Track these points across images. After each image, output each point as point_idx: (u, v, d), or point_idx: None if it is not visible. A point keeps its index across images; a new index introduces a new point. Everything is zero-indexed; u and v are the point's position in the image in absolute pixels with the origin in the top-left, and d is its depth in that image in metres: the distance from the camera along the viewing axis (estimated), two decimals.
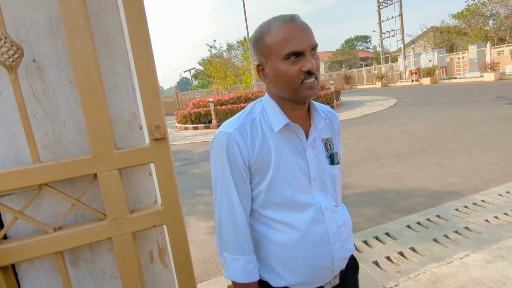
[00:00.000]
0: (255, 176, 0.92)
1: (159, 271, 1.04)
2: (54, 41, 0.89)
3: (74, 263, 0.95)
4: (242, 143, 0.89)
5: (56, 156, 0.91)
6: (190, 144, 9.89)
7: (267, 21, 0.89)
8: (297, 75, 0.84)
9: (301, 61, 0.84)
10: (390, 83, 27.45)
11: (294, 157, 0.92)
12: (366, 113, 11.75)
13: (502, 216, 2.96)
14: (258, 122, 0.92)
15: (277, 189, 0.91)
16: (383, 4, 31.17)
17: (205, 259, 2.98)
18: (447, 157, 5.12)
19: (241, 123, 0.92)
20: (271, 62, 0.88)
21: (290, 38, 0.83)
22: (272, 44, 0.86)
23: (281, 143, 0.92)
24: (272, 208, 0.93)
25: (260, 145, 0.90)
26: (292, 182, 0.91)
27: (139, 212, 0.93)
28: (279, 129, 0.91)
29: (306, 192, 0.93)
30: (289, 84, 0.86)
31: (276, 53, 0.85)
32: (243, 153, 0.90)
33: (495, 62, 18.18)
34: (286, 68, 0.84)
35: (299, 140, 0.94)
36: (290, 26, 0.84)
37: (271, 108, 0.93)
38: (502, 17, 27.18)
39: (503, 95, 11.22)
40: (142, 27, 0.88)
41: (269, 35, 0.86)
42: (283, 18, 0.86)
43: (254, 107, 0.97)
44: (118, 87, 0.95)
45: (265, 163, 0.90)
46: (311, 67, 0.83)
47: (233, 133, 0.90)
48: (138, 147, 0.91)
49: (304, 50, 0.83)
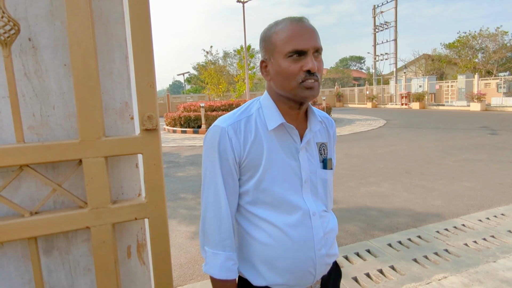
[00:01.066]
0: (245, 172, 0.92)
1: (136, 268, 1.01)
2: (52, 22, 0.87)
3: (47, 252, 0.91)
4: (235, 138, 0.89)
5: (41, 138, 0.88)
6: (177, 147, 9.79)
7: (276, 21, 0.91)
8: (297, 74, 0.85)
9: (303, 60, 0.85)
10: (380, 104, 27.99)
11: (286, 158, 0.92)
12: (356, 131, 11.91)
13: (481, 241, 3.01)
14: (254, 120, 0.93)
15: (265, 187, 0.90)
16: (379, 28, 32.04)
17: (182, 264, 2.92)
18: (431, 180, 5.21)
19: (236, 119, 0.92)
20: (273, 59, 0.89)
21: (295, 36, 0.84)
22: (277, 41, 0.87)
23: (274, 142, 0.91)
24: (260, 206, 0.92)
25: (253, 142, 0.90)
26: (281, 182, 0.91)
27: (121, 203, 0.90)
28: (274, 128, 0.91)
29: (296, 194, 0.92)
30: (289, 82, 0.87)
31: (279, 50, 0.86)
32: (235, 149, 0.89)
33: (482, 93, 18.80)
34: (287, 65, 0.85)
35: (292, 141, 0.93)
36: (296, 26, 0.86)
37: (268, 107, 0.94)
38: (491, 52, 28.26)
39: (488, 125, 11.57)
40: (144, 17, 0.88)
41: (275, 32, 0.88)
42: (292, 18, 0.88)
43: (252, 105, 0.97)
44: (113, 74, 0.93)
45: (256, 161, 0.90)
46: (311, 67, 0.84)
47: (227, 128, 0.90)
48: (128, 136, 0.89)
49: (307, 49, 0.85)
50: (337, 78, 45.07)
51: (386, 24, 31.03)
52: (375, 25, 32.39)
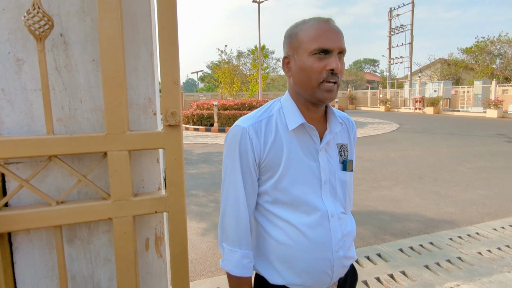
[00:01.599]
0: (264, 172, 0.93)
1: (153, 260, 1.03)
2: (83, 18, 0.90)
3: (70, 241, 0.94)
4: (256, 139, 0.91)
5: (69, 130, 0.91)
6: (190, 145, 9.87)
7: (304, 19, 0.92)
8: (320, 72, 0.86)
9: (327, 59, 0.86)
10: (393, 108, 27.63)
11: (305, 158, 0.92)
12: (368, 134, 11.79)
13: (496, 250, 2.95)
14: (274, 120, 0.94)
15: (284, 187, 0.91)
16: (394, 31, 31.61)
17: (193, 260, 2.95)
18: (444, 187, 5.12)
19: (257, 120, 0.93)
20: (298, 55, 0.89)
21: (322, 35, 0.86)
22: (303, 38, 0.88)
23: (294, 143, 0.92)
24: (279, 206, 0.93)
25: (273, 142, 0.91)
26: (300, 182, 0.91)
27: (142, 196, 0.93)
28: (294, 128, 0.91)
29: (315, 194, 0.93)
30: (310, 80, 0.88)
31: (305, 47, 0.87)
32: (255, 149, 0.90)
33: (499, 100, 18.35)
34: (311, 63, 0.86)
35: (312, 142, 0.94)
36: (324, 25, 0.87)
37: (288, 107, 0.95)
38: (509, 58, 27.56)
39: (504, 133, 11.29)
40: (171, 16, 0.90)
41: (302, 30, 0.89)
42: (320, 18, 0.89)
43: (273, 105, 0.98)
44: (138, 71, 0.96)
45: (276, 161, 0.91)
46: (335, 67, 0.85)
47: (248, 129, 0.91)
48: (151, 131, 0.92)
49: (332, 49, 0.86)
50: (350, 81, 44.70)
51: (402, 27, 30.60)
52: (391, 28, 31.98)
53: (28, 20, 0.78)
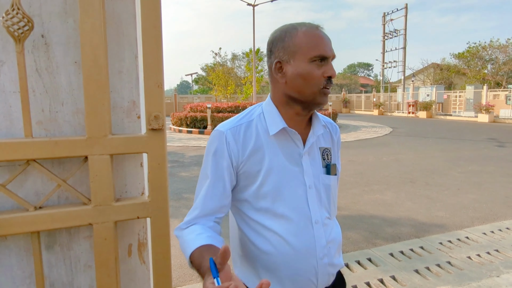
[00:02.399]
0: (244, 178, 0.91)
1: (136, 266, 1.01)
2: (65, 19, 0.88)
3: (49, 247, 0.92)
4: (233, 143, 0.89)
5: (49, 134, 0.89)
6: (183, 147, 9.83)
7: (292, 24, 0.91)
8: (320, 79, 0.87)
9: (324, 66, 0.87)
10: (387, 112, 27.85)
11: (288, 163, 0.91)
12: (361, 138, 11.85)
13: (485, 254, 2.97)
14: (254, 125, 0.92)
15: (266, 193, 0.89)
16: (388, 36, 31.94)
17: (182, 265, 2.92)
18: (436, 191, 5.16)
19: (236, 124, 0.92)
20: (294, 61, 0.87)
21: (320, 42, 0.86)
22: (301, 43, 0.86)
23: (276, 148, 0.91)
24: (261, 213, 0.91)
25: (253, 147, 0.90)
26: (283, 188, 0.90)
27: (124, 201, 0.91)
28: (275, 132, 0.90)
29: (299, 200, 0.91)
30: (310, 86, 0.87)
31: (304, 53, 0.86)
32: (232, 153, 0.89)
33: (490, 105, 18.61)
34: (311, 70, 0.86)
35: (295, 146, 0.93)
36: (320, 32, 0.88)
37: (269, 112, 0.93)
38: (501, 63, 28.01)
39: (495, 137, 11.44)
40: (156, 17, 0.89)
41: (298, 35, 0.87)
42: (312, 24, 0.89)
43: (253, 110, 0.97)
44: (122, 73, 0.94)
45: (256, 166, 0.89)
46: (333, 74, 0.87)
47: (226, 132, 0.90)
48: (134, 135, 0.90)
49: (329, 56, 0.88)
50: (344, 84, 44.98)
51: (396, 32, 30.94)
52: (385, 33, 32.31)
53: (7, 21, 0.77)
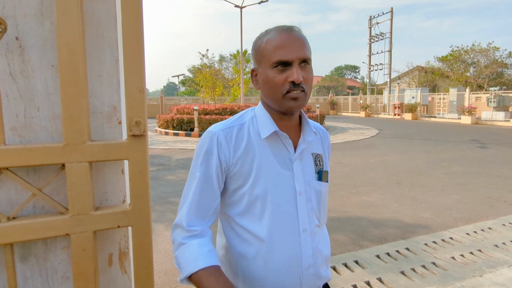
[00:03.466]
0: (235, 180, 0.90)
1: (117, 276, 0.98)
2: (42, 22, 0.85)
3: (24, 258, 0.88)
4: (225, 144, 0.88)
5: (23, 140, 0.85)
6: (168, 150, 9.72)
7: (266, 30, 0.91)
8: (282, 85, 0.85)
9: (288, 71, 0.84)
10: (373, 114, 28.26)
11: (279, 167, 0.90)
12: (348, 140, 11.98)
13: (468, 255, 3.02)
14: (247, 128, 0.92)
15: (256, 197, 0.88)
16: (374, 39, 32.46)
17: (167, 271, 2.87)
18: (421, 192, 5.25)
19: (228, 126, 0.92)
20: (261, 68, 0.89)
21: (281, 46, 0.84)
22: (264, 51, 0.87)
23: (267, 151, 0.90)
24: (249, 219, 0.89)
25: (244, 149, 0.89)
26: (273, 192, 0.89)
27: (104, 210, 0.88)
28: (267, 135, 0.90)
29: (289, 206, 0.90)
30: (274, 92, 0.87)
31: (266, 60, 0.86)
32: (224, 154, 0.88)
33: (473, 107, 19.11)
34: (273, 76, 0.85)
35: (286, 151, 0.92)
36: (284, 36, 0.85)
37: (261, 115, 0.93)
38: (482, 66, 28.82)
39: (477, 139, 11.74)
40: (137, 20, 0.86)
41: (264, 41, 0.88)
42: (281, 27, 0.88)
43: (246, 114, 0.97)
44: (102, 77, 0.91)
45: (246, 168, 0.88)
46: (295, 78, 0.83)
47: (218, 133, 0.89)
48: (114, 141, 0.87)
49: (292, 60, 0.84)
50: (331, 86, 45.46)
51: (382, 35, 31.47)
52: (371, 36, 32.82)
53: None
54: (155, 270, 2.85)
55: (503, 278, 2.59)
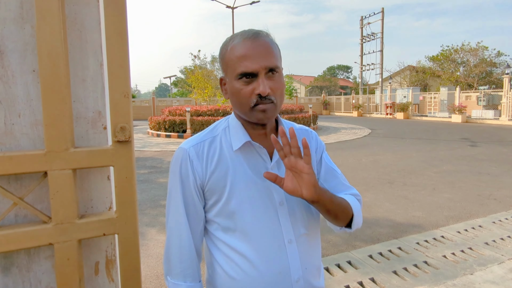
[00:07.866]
0: (210, 196, 0.87)
1: (103, 285, 0.96)
2: (22, 26, 0.83)
3: (6, 269, 0.85)
4: (196, 160, 0.86)
5: (4, 148, 0.83)
6: (161, 152, 9.65)
7: (232, 35, 0.84)
8: (249, 97, 0.79)
9: (254, 82, 0.79)
10: (366, 113, 28.46)
11: (256, 178, 0.86)
12: (341, 139, 12.03)
13: (459, 253, 3.05)
14: (219, 140, 0.88)
15: (233, 211, 0.84)
16: (366, 39, 32.69)
17: (158, 275, 2.84)
18: (413, 191, 5.29)
19: (200, 140, 0.88)
20: (228, 78, 0.84)
21: (244, 57, 0.78)
22: (228, 61, 0.82)
23: (241, 163, 0.86)
24: (229, 234, 0.86)
25: (216, 163, 0.85)
26: (251, 205, 0.85)
27: (89, 218, 0.86)
28: (238, 147, 0.86)
29: (269, 218, 0.85)
30: (241, 104, 0.82)
31: (231, 71, 0.82)
32: (196, 171, 0.85)
33: (463, 106, 19.36)
34: (239, 88, 0.80)
35: (262, 161, 0.88)
36: (248, 44, 0.79)
37: (234, 126, 0.89)
38: (472, 65, 29.24)
39: (468, 137, 11.89)
40: (121, 24, 0.84)
41: (228, 50, 0.82)
42: (245, 34, 0.81)
43: (219, 124, 0.93)
44: (86, 82, 0.89)
45: (220, 183, 0.85)
46: (261, 91, 0.77)
47: (189, 150, 0.86)
48: (98, 148, 0.85)
49: (257, 71, 0.78)
50: (324, 86, 45.65)
51: (373, 35, 31.71)
52: (363, 36, 33.04)
53: None
54: (147, 275, 2.82)
55: (493, 275, 2.62)
